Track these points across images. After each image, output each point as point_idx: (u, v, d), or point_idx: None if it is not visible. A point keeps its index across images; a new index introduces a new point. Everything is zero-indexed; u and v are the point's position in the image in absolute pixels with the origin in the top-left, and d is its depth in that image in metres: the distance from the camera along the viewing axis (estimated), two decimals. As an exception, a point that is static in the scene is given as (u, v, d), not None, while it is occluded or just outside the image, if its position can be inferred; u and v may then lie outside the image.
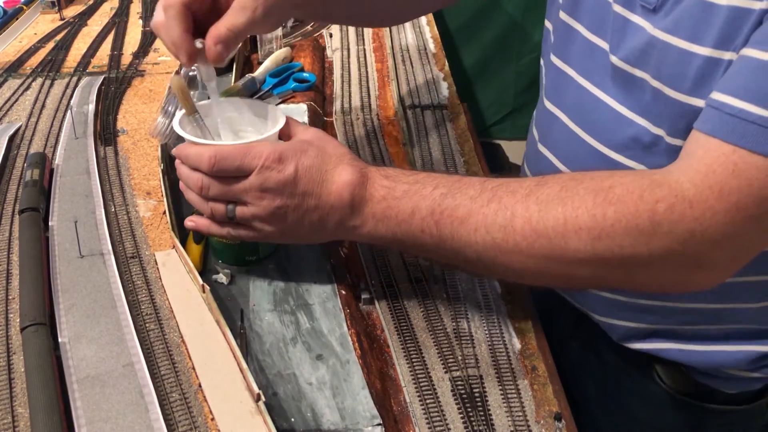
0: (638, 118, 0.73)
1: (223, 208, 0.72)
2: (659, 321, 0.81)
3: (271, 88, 1.22)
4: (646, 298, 0.80)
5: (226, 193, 0.71)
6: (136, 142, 1.06)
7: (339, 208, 0.70)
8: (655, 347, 0.83)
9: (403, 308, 0.79)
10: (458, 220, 0.66)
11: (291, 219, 0.71)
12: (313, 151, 0.71)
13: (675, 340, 0.82)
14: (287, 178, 0.69)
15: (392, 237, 0.70)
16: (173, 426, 0.62)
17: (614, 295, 0.82)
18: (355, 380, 0.69)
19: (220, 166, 0.69)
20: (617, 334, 0.86)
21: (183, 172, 0.74)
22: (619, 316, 0.84)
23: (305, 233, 0.73)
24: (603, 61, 0.76)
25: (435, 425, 0.66)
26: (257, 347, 0.73)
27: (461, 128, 1.14)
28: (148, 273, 0.80)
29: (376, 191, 0.70)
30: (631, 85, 0.73)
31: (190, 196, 0.75)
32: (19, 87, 1.22)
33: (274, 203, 0.69)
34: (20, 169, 0.98)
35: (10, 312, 0.74)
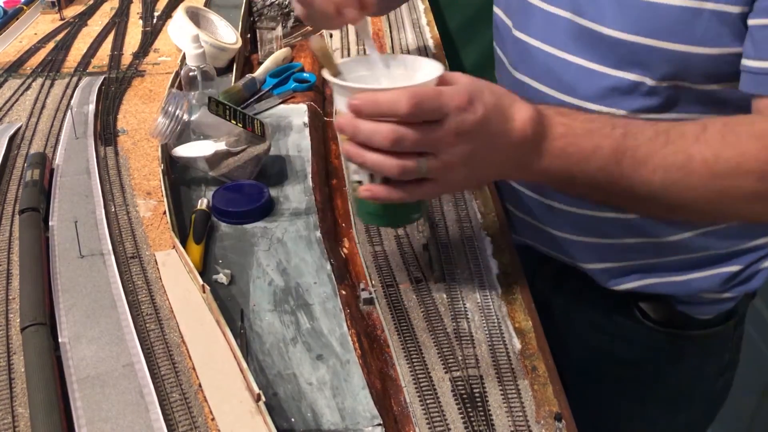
0: (613, 71, 0.81)
1: (414, 165, 0.64)
2: (643, 257, 0.91)
3: (272, 88, 1.22)
4: (632, 237, 0.90)
5: (420, 142, 0.64)
6: (137, 142, 1.06)
7: (521, 145, 0.68)
8: (641, 284, 0.92)
9: (403, 308, 0.79)
10: (638, 161, 0.69)
11: (480, 162, 0.67)
12: (487, 89, 0.67)
13: (657, 274, 0.92)
14: (480, 119, 0.64)
15: (565, 174, 0.70)
16: (173, 426, 0.62)
17: (604, 239, 0.91)
18: (355, 380, 0.69)
19: (422, 107, 0.62)
20: (606, 277, 0.94)
21: (367, 128, 0.64)
22: (608, 259, 0.92)
23: (486, 175, 0.72)
24: (566, 27, 0.84)
25: (435, 425, 0.66)
26: (257, 347, 0.73)
27: (461, 128, 1.14)
28: (148, 273, 0.80)
29: (555, 128, 0.69)
30: (602, 43, 0.81)
31: (372, 158, 0.65)
32: (20, 87, 1.22)
33: (468, 148, 0.65)
34: (20, 169, 0.98)
35: (10, 312, 0.74)
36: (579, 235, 0.93)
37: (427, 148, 0.64)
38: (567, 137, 0.69)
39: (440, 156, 0.65)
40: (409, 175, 0.65)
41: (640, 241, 0.90)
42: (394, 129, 0.63)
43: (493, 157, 0.68)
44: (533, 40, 0.90)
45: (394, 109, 0.62)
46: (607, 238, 0.91)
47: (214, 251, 0.86)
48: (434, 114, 0.63)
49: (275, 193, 0.96)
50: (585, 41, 0.83)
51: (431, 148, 0.65)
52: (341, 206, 0.98)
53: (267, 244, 0.87)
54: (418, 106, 0.62)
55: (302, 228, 0.90)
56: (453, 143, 0.64)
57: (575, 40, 0.84)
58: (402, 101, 0.62)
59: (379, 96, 0.63)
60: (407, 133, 0.63)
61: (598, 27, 0.81)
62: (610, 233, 0.90)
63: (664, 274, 0.92)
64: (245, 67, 1.34)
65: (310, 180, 0.99)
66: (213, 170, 0.97)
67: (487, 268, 0.86)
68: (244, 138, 0.96)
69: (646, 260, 0.92)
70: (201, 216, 0.89)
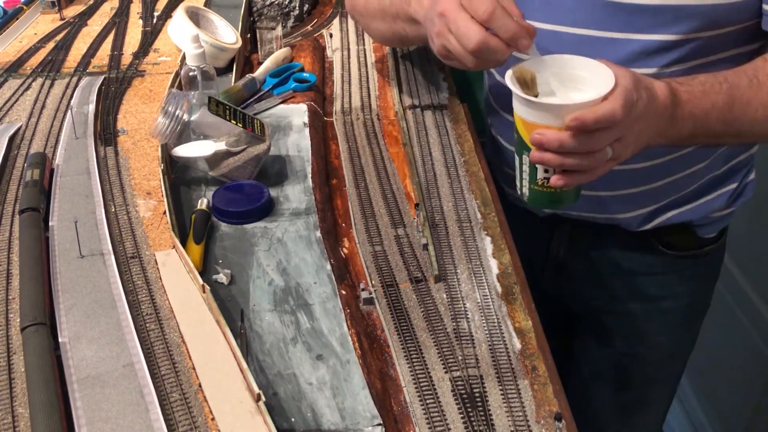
0: (637, 35, 0.89)
1: (604, 155, 0.76)
2: (668, 195, 1.06)
3: (272, 88, 1.22)
4: (659, 180, 1.04)
5: (615, 135, 0.75)
6: (137, 142, 1.06)
7: (665, 114, 0.80)
8: (665, 218, 1.08)
9: (403, 308, 0.79)
10: (745, 104, 0.85)
11: (643, 135, 0.79)
12: (637, 76, 0.77)
13: (678, 206, 1.08)
14: (646, 103, 0.77)
15: (691, 132, 0.84)
16: (173, 426, 0.62)
17: (635, 188, 1.04)
18: (355, 380, 0.69)
19: (628, 111, 0.73)
20: (636, 222, 1.08)
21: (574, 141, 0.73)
22: (639, 205, 1.07)
23: (643, 144, 0.81)
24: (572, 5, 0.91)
25: (435, 425, 0.66)
26: (257, 347, 0.73)
27: (461, 128, 1.14)
28: (148, 273, 0.80)
29: (681, 95, 0.82)
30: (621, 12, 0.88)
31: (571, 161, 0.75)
32: (20, 87, 1.22)
33: (639, 127, 0.77)
34: (20, 169, 0.98)
35: (10, 312, 0.74)
36: (613, 190, 1.05)
37: (617, 137, 0.76)
38: (692, 101, 0.82)
39: (622, 140, 0.76)
40: (600, 164, 0.77)
41: (665, 182, 1.04)
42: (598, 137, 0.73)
43: (650, 129, 0.80)
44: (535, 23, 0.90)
45: (614, 120, 0.72)
46: (638, 187, 1.04)
47: (214, 251, 0.86)
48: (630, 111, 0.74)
49: (275, 193, 0.96)
50: (600, 13, 0.88)
51: (620, 136, 0.76)
52: (341, 206, 0.98)
53: (267, 244, 0.87)
54: (627, 111, 0.73)
55: (302, 228, 0.90)
56: (632, 127, 0.76)
57: (586, 14, 0.89)
58: (618, 111, 0.72)
59: (598, 113, 0.72)
60: (605, 136, 0.74)
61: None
62: (640, 182, 1.04)
63: (684, 205, 1.08)
64: (245, 67, 1.34)
65: (310, 180, 0.99)
66: (213, 170, 0.97)
67: (487, 268, 0.86)
68: (244, 138, 0.96)
69: (669, 197, 1.06)
70: (201, 216, 0.89)
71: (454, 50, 0.82)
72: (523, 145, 0.77)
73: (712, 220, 1.12)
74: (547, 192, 0.79)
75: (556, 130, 0.73)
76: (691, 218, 1.10)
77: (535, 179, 0.78)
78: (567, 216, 1.12)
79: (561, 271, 1.19)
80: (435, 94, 1.24)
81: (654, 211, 1.08)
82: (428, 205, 0.96)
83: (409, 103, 1.21)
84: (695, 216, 1.10)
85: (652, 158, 1.00)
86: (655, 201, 1.07)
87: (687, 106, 0.82)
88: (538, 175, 0.78)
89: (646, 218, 1.08)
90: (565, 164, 0.75)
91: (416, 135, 1.12)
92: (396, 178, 1.02)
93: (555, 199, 0.81)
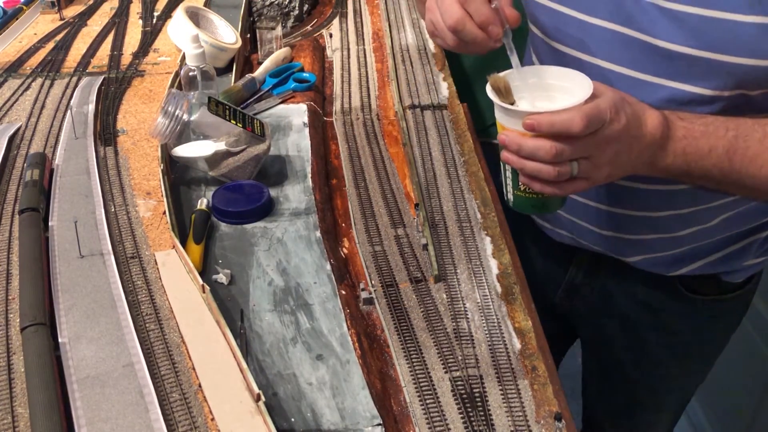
0: (669, 82, 0.85)
1: (567, 170, 0.75)
2: (692, 243, 1.01)
3: (271, 88, 1.22)
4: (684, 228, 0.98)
5: (576, 153, 0.74)
6: (136, 142, 1.06)
7: (652, 145, 0.78)
8: (692, 268, 1.03)
9: (403, 308, 0.79)
10: (748, 159, 0.79)
11: (620, 162, 0.77)
12: (626, 99, 0.76)
13: (705, 256, 1.03)
14: (624, 126, 0.74)
15: (684, 170, 0.80)
16: (173, 426, 0.62)
17: (657, 234, 1.00)
18: (355, 380, 0.69)
19: (589, 126, 0.72)
20: (662, 268, 1.04)
21: (530, 145, 0.74)
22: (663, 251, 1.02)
23: (623, 171, 0.79)
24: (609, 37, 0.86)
25: (435, 425, 0.66)
26: (257, 347, 0.73)
27: (461, 128, 1.14)
28: (148, 273, 0.80)
29: (677, 131, 0.79)
30: (655, 55, 0.83)
31: (531, 166, 0.75)
32: (19, 87, 1.22)
33: (613, 151, 0.75)
34: (20, 169, 0.98)
35: (10, 312, 0.74)
36: (626, 233, 1.01)
37: (582, 154, 0.74)
38: (687, 139, 0.78)
39: (591, 160, 0.75)
40: (563, 177, 0.75)
41: (688, 231, 0.99)
42: (554, 145, 0.72)
43: (630, 157, 0.77)
44: (570, 50, 0.91)
45: (569, 129, 0.71)
46: (655, 233, 0.99)
47: (213, 251, 0.86)
48: (596, 128, 0.72)
49: (275, 193, 0.96)
50: (634, 52, 0.85)
51: (585, 154, 0.74)
52: (341, 206, 0.98)
53: (267, 244, 0.87)
54: (587, 125, 0.71)
55: (302, 228, 0.90)
56: (603, 149, 0.74)
57: (621, 50, 0.86)
58: (575, 121, 0.71)
59: (554, 118, 0.72)
60: (566, 148, 0.72)
61: (650, 39, 0.82)
62: (660, 229, 0.99)
63: (710, 254, 1.03)
64: (245, 67, 1.34)
65: (310, 180, 0.99)
66: (213, 170, 0.97)
67: (487, 268, 0.86)
68: (244, 138, 0.96)
69: (692, 245, 1.01)
70: (201, 216, 0.89)
71: (438, 25, 0.81)
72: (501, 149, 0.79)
73: (742, 268, 1.07)
74: (528, 197, 0.81)
75: (517, 133, 0.75)
76: (720, 270, 1.05)
77: (517, 185, 0.80)
78: (586, 248, 1.08)
79: (575, 294, 1.16)
80: (435, 94, 1.24)
81: (677, 259, 1.03)
82: (428, 205, 0.96)
83: (409, 103, 1.21)
84: (724, 267, 1.05)
85: (672, 208, 0.96)
86: (675, 249, 1.02)
87: (681, 142, 0.79)
88: (519, 180, 0.79)
89: (668, 265, 1.04)
90: (525, 168, 0.75)
91: (416, 135, 1.12)
92: (396, 178, 1.02)
93: (537, 204, 0.82)
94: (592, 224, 1.03)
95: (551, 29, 0.93)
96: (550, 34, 0.93)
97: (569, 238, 1.09)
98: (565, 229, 1.08)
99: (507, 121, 0.76)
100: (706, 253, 1.03)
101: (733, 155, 0.79)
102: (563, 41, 0.91)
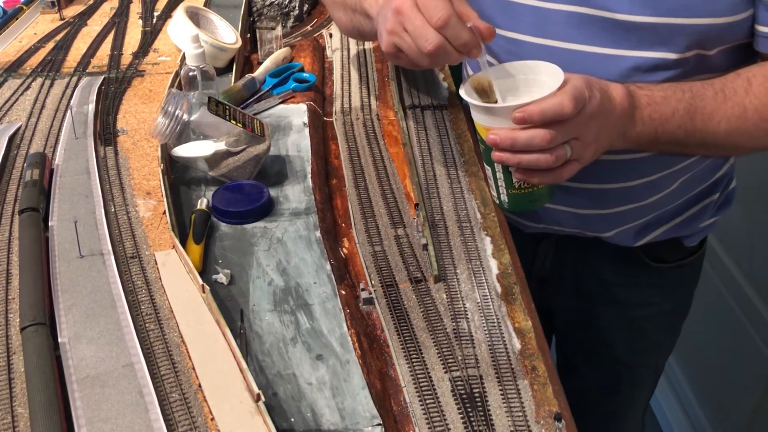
0: (632, 52, 0.88)
1: (563, 152, 0.77)
2: (656, 211, 1.05)
3: (271, 88, 1.22)
4: (649, 197, 1.02)
5: (568, 133, 0.76)
6: (136, 142, 1.06)
7: (622, 116, 0.81)
8: (656, 234, 1.08)
9: (403, 308, 0.79)
10: (707, 116, 0.85)
11: (602, 136, 0.80)
12: (589, 77, 0.79)
13: (666, 222, 1.08)
14: (600, 101, 0.78)
15: (653, 136, 0.84)
16: (173, 426, 0.62)
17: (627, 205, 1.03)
18: (355, 380, 0.69)
19: (577, 105, 0.74)
20: (627, 238, 1.07)
21: (525, 136, 0.75)
22: (630, 222, 1.06)
23: (604, 146, 0.82)
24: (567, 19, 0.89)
25: (435, 425, 0.66)
26: (257, 347, 0.73)
27: (461, 128, 1.14)
28: (148, 273, 0.80)
29: (641, 99, 0.83)
30: (617, 28, 0.86)
31: (528, 158, 0.76)
32: (19, 87, 1.22)
33: (596, 126, 0.78)
34: (20, 169, 0.98)
35: (10, 312, 0.74)
36: (602, 208, 1.04)
37: (572, 135, 0.77)
38: (651, 105, 0.83)
39: (581, 139, 0.77)
40: (560, 161, 0.77)
41: (654, 198, 1.03)
42: (547, 131, 0.74)
43: (608, 131, 0.80)
44: (526, 36, 0.92)
45: (561, 113, 0.73)
46: (627, 205, 1.03)
47: (213, 251, 0.86)
48: (580, 108, 0.75)
49: (275, 193, 0.96)
50: (594, 29, 0.87)
51: (575, 134, 0.77)
52: (341, 206, 0.98)
53: (267, 244, 0.87)
54: (576, 106, 0.74)
55: (302, 228, 0.90)
56: (588, 126, 0.77)
57: (581, 29, 0.88)
58: (566, 104, 0.73)
59: (543, 105, 0.73)
60: (558, 131, 0.75)
61: (609, 14, 0.85)
62: (632, 199, 1.03)
63: (672, 220, 1.08)
64: (245, 67, 1.34)
65: (310, 180, 0.99)
66: (213, 170, 0.97)
67: (487, 268, 0.86)
68: (244, 138, 0.96)
69: (657, 212, 1.06)
70: (201, 216, 0.89)
71: (409, 49, 0.80)
72: (489, 152, 0.79)
73: (698, 230, 1.13)
74: (524, 193, 0.82)
75: (508, 129, 0.75)
76: (681, 233, 1.11)
77: (511, 183, 0.80)
78: (553, 232, 1.11)
79: (546, 284, 1.19)
80: (435, 94, 1.24)
81: (643, 228, 1.08)
82: (428, 205, 0.96)
83: (409, 103, 1.21)
84: (684, 231, 1.10)
85: (643, 176, 1.00)
86: (643, 217, 1.06)
87: (646, 110, 0.83)
88: (513, 179, 0.79)
89: (635, 235, 1.08)
90: (523, 162, 0.76)
91: (416, 135, 1.12)
92: (396, 178, 1.02)
93: (534, 198, 0.84)
94: (568, 206, 1.05)
95: (503, 19, 0.94)
96: (501, 24, 0.94)
97: (536, 228, 1.11)
98: (533, 220, 1.10)
99: (492, 121, 0.76)
100: (670, 217, 1.08)
101: (693, 114, 0.84)
102: (517, 29, 0.93)
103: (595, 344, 1.23)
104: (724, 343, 1.76)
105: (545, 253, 1.15)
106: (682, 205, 1.08)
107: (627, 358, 1.22)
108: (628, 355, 1.22)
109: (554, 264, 1.16)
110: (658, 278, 1.15)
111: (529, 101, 0.74)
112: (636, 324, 1.19)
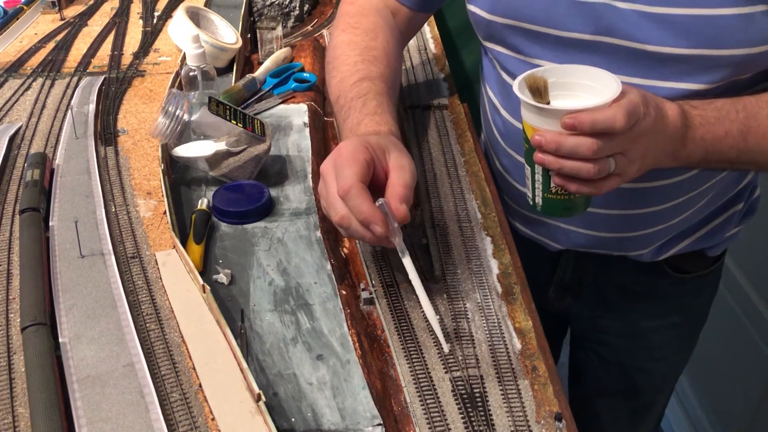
0: (661, 83, 0.86)
1: (607, 166, 0.75)
2: (681, 227, 1.04)
3: (272, 88, 1.22)
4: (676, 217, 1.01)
5: (615, 148, 0.74)
6: (137, 142, 1.06)
7: (675, 136, 0.80)
8: (680, 248, 1.07)
9: (403, 308, 0.79)
10: (761, 136, 0.83)
11: (650, 155, 0.78)
12: (648, 94, 0.77)
13: (691, 235, 1.07)
14: (654, 120, 0.76)
15: (703, 156, 0.83)
16: (173, 426, 0.62)
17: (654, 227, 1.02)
18: (355, 380, 0.69)
19: (630, 121, 0.72)
20: (650, 255, 1.07)
21: (571, 143, 0.73)
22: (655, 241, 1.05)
23: (651, 164, 0.80)
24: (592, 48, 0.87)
25: (435, 425, 0.66)
26: (257, 347, 0.73)
27: (461, 128, 1.14)
28: (149, 273, 0.80)
29: (694, 119, 0.81)
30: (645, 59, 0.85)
31: (571, 165, 0.74)
32: (20, 87, 1.22)
33: (644, 144, 0.76)
34: (21, 169, 0.98)
35: (10, 312, 0.75)
36: (626, 231, 1.03)
37: (619, 149, 0.74)
38: (704, 126, 0.81)
39: (626, 155, 0.75)
40: (602, 174, 0.75)
41: (681, 218, 1.02)
42: (594, 141, 0.72)
43: (657, 149, 0.78)
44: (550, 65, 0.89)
45: (612, 126, 0.71)
46: (654, 227, 1.02)
47: (214, 251, 0.86)
48: (634, 123, 0.73)
49: (275, 193, 0.96)
50: (621, 60, 0.85)
51: (622, 149, 0.75)
52: (341, 206, 0.98)
53: (267, 244, 0.87)
54: (629, 121, 0.71)
55: (302, 228, 0.90)
56: (637, 143, 0.75)
57: (609, 58, 0.86)
58: (618, 118, 0.71)
59: (596, 115, 0.71)
60: (606, 143, 0.72)
61: (638, 45, 0.83)
62: (659, 222, 1.01)
63: (696, 232, 1.07)
64: (245, 67, 1.34)
65: (310, 180, 0.99)
66: (213, 170, 0.97)
67: (487, 268, 0.86)
68: (244, 138, 0.96)
69: (682, 229, 1.05)
70: (201, 216, 0.89)
71: (326, 214, 0.78)
72: (532, 152, 0.77)
73: (722, 241, 1.12)
74: (560, 199, 0.80)
75: (555, 132, 0.73)
76: (704, 245, 1.09)
77: (548, 187, 0.79)
78: (576, 249, 1.09)
79: (566, 293, 1.18)
80: (435, 94, 1.24)
81: (666, 243, 1.07)
82: (428, 205, 0.96)
83: (409, 102, 1.21)
84: (708, 242, 1.09)
85: (670, 200, 0.98)
86: (668, 236, 1.05)
87: (699, 130, 0.81)
88: (551, 183, 0.78)
89: (658, 250, 1.07)
90: (564, 167, 0.74)
91: (416, 135, 1.12)
92: (396, 178, 1.02)
93: (568, 206, 0.81)
94: (589, 229, 1.03)
95: (524, 46, 0.92)
96: (522, 51, 0.93)
97: (556, 248, 1.09)
98: (554, 240, 1.08)
99: (540, 122, 0.75)
100: (694, 230, 1.07)
101: (746, 134, 0.82)
102: (539, 56, 0.91)
103: (613, 352, 1.22)
104: (724, 343, 1.76)
105: (566, 264, 1.14)
106: (707, 218, 1.07)
107: (645, 365, 1.22)
108: (647, 362, 1.22)
109: (574, 275, 1.15)
110: (679, 288, 1.14)
111: (582, 108, 0.72)
112: (655, 332, 1.18)
